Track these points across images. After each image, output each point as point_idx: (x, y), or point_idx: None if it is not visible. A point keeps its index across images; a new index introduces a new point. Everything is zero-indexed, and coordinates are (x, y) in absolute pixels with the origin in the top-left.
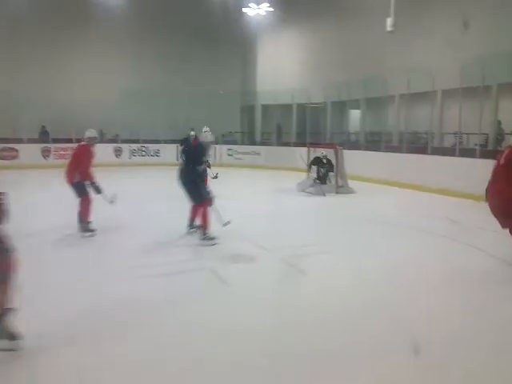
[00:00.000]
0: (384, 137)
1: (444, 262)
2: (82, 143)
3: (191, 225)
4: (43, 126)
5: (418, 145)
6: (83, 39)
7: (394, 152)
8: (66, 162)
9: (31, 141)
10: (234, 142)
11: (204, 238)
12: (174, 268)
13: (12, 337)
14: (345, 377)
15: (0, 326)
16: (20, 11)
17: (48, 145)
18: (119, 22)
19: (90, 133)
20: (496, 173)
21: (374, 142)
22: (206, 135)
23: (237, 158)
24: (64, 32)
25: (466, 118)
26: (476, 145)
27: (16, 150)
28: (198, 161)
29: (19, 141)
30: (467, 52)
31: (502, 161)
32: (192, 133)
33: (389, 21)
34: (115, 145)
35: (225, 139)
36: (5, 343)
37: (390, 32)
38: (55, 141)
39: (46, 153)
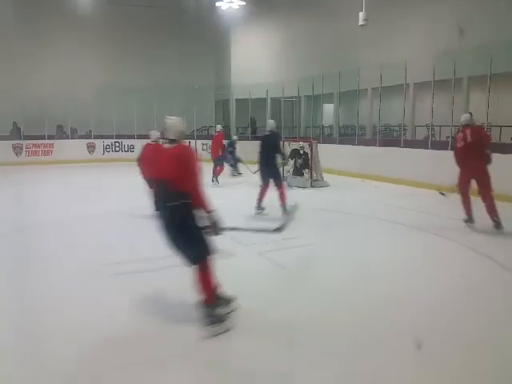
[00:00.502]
0: (357, 130)
1: (419, 253)
2: (151, 142)
3: (259, 207)
4: (14, 123)
5: (390, 138)
6: (55, 35)
7: (367, 145)
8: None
9: (2, 138)
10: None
11: (286, 214)
12: (156, 264)
13: (228, 301)
14: (331, 366)
15: (218, 299)
16: None
17: (20, 141)
18: (91, 18)
19: (156, 133)
20: (465, 150)
21: (348, 135)
22: (271, 123)
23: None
24: (36, 28)
25: (438, 111)
26: (448, 137)
27: None
28: (274, 149)
29: None
30: (439, 45)
31: (470, 139)
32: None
33: (361, 15)
34: (88, 140)
35: (199, 134)
36: (225, 309)
37: (362, 26)
38: (27, 137)
39: (17, 150)
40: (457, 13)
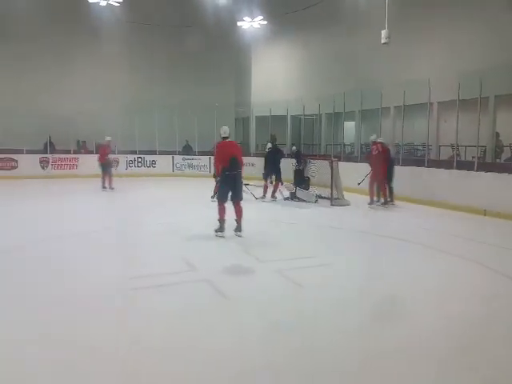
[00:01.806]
0: None
1: (438, 276)
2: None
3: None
4: (50, 137)
5: (414, 157)
6: (84, 52)
7: None
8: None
9: (29, 151)
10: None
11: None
12: (170, 279)
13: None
14: None
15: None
16: (22, 23)
17: (46, 155)
18: (115, 37)
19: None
20: (377, 157)
21: (369, 153)
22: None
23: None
24: (66, 45)
25: (463, 131)
26: (474, 157)
27: (15, 160)
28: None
29: (20, 151)
30: (464, 63)
31: (381, 149)
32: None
33: (383, 33)
34: (112, 156)
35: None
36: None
37: (385, 44)
38: (56, 152)
39: (43, 163)
40: (482, 31)
